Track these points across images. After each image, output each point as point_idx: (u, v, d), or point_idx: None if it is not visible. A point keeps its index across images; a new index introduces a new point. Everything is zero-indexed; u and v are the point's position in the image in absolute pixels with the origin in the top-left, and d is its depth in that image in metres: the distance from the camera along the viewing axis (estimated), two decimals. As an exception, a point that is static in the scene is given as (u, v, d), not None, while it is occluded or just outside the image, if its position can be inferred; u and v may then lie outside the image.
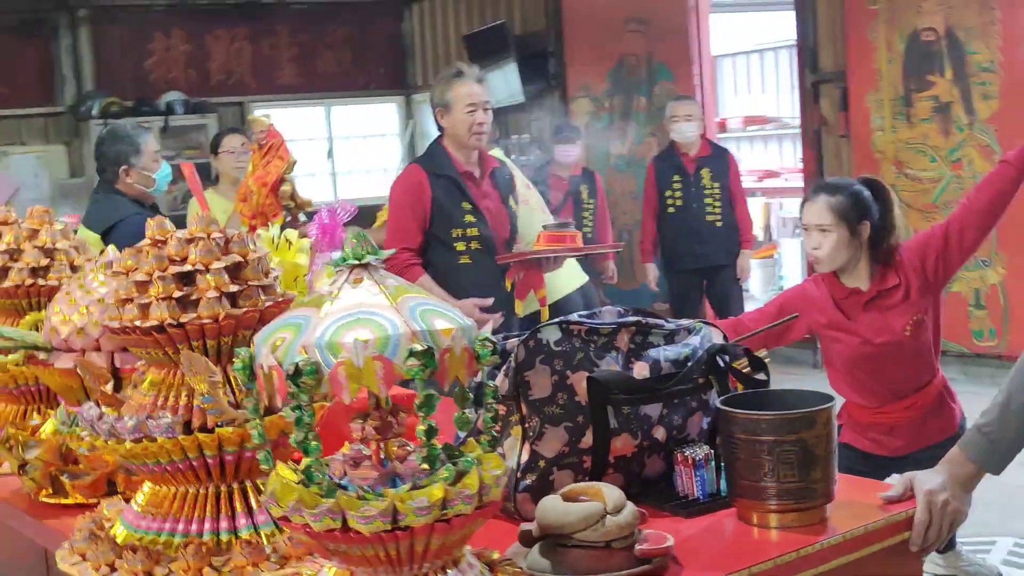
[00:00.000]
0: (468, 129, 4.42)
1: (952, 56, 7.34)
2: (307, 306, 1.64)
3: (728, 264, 7.26)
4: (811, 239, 3.56)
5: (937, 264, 3.50)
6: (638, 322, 2.18)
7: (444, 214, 4.42)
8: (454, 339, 1.59)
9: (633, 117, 9.10)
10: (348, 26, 11.33)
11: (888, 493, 2.05)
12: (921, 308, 3.50)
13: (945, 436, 3.59)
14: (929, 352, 3.56)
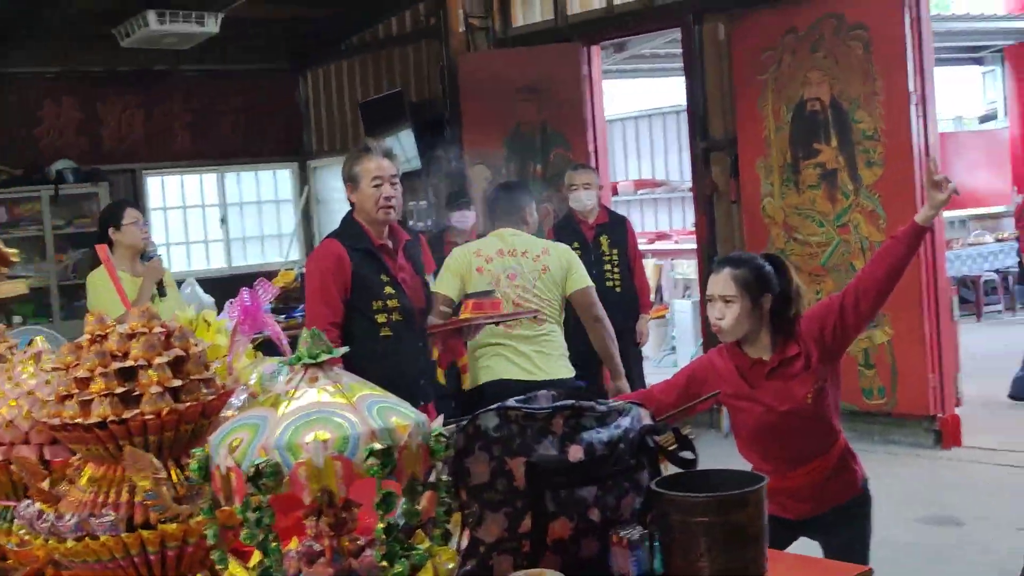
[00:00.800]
0: (375, 203, 4.44)
1: (837, 125, 7.62)
2: (263, 406, 1.66)
3: (627, 329, 7.36)
4: (715, 309, 3.64)
5: (835, 334, 3.63)
6: (572, 405, 2.23)
7: (365, 287, 4.44)
8: (410, 435, 1.63)
9: (529, 183, 9.20)
10: (243, 93, 11.30)
11: None
12: (821, 376, 3.62)
13: (849, 497, 3.71)
14: (830, 418, 3.67)
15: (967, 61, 17.65)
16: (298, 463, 1.55)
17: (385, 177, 4.46)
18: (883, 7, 7.36)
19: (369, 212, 4.47)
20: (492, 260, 5.25)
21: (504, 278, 5.19)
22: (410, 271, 4.62)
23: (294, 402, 1.62)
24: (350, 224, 4.58)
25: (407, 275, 4.58)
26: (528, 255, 5.31)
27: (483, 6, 9.79)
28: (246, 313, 3.25)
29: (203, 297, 9.83)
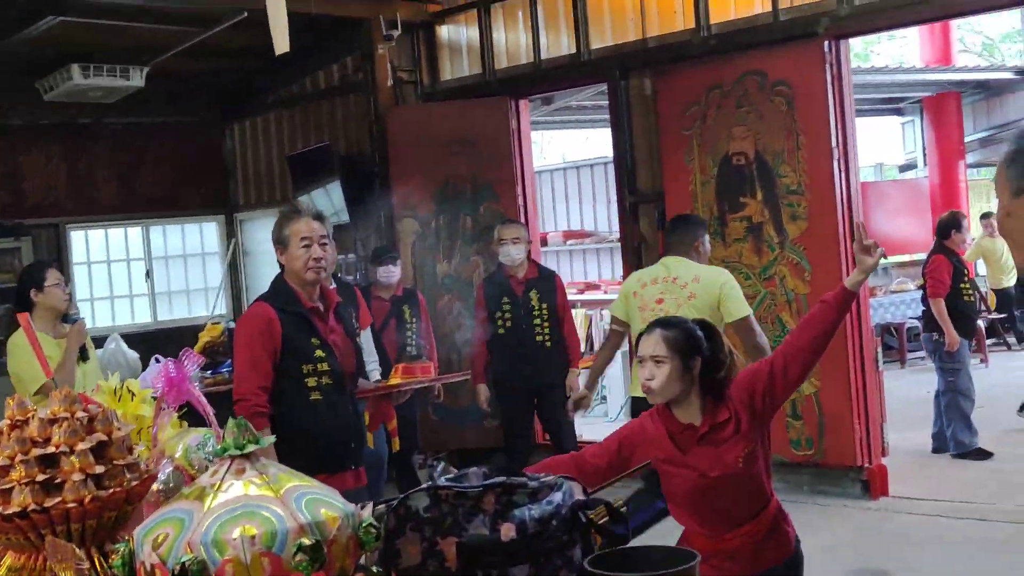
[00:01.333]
0: (304, 264, 4.41)
1: (762, 179, 7.73)
2: (188, 499, 1.63)
3: (557, 383, 7.39)
4: (645, 370, 3.65)
5: (764, 398, 3.66)
6: (503, 483, 2.22)
7: (295, 350, 4.40)
8: (339, 528, 1.61)
9: (459, 236, 9.23)
10: (169, 145, 11.20)
11: None
12: (752, 440, 3.64)
13: (782, 559, 3.73)
14: (762, 480, 3.70)
15: (887, 112, 18.06)
16: (225, 560, 1.52)
17: (314, 238, 4.43)
18: (805, 64, 7.50)
19: (299, 273, 4.44)
20: (647, 286, 5.81)
21: (652, 303, 5.71)
22: (341, 333, 4.58)
23: (220, 495, 1.59)
24: (280, 286, 4.54)
25: (338, 337, 4.54)
26: (678, 282, 5.75)
27: (411, 60, 9.83)
28: (171, 384, 3.19)
29: (127, 353, 9.68)
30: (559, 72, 9.09)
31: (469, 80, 9.63)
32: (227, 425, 1.67)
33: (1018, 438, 9.17)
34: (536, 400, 7.51)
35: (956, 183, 15.81)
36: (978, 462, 8.41)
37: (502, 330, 7.30)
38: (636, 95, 8.53)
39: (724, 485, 3.58)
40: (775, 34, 7.74)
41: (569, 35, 8.93)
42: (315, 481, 1.68)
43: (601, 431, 10.60)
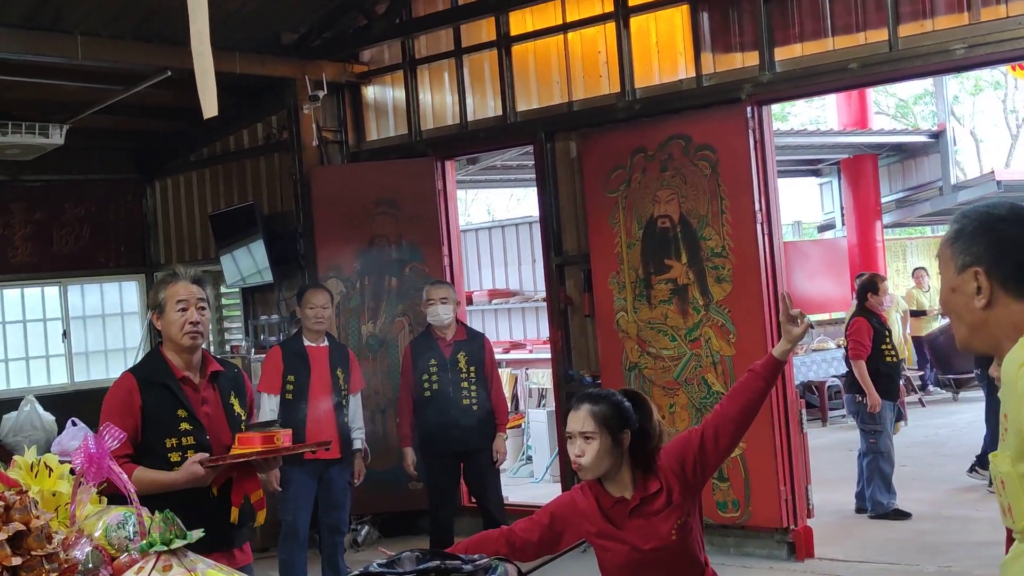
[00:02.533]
0: (180, 328, 4.21)
1: (687, 241, 7.79)
2: (112, 598, 1.56)
3: (484, 447, 7.33)
4: (575, 446, 3.62)
5: (695, 468, 3.65)
6: (438, 567, 2.17)
7: (156, 423, 4.16)
8: (271, 627, 1.54)
9: (384, 297, 9.17)
10: (87, 203, 11.00)
11: None
12: (684, 510, 3.62)
13: None
14: (696, 549, 3.68)
15: (805, 173, 18.40)
16: (150, 664, 1.45)
17: (191, 301, 4.25)
18: (728, 129, 7.60)
19: (175, 338, 4.23)
20: None
21: None
22: (217, 404, 4.32)
23: (146, 594, 1.52)
24: (153, 355, 4.36)
25: (211, 409, 4.29)
26: None
27: (337, 120, 9.80)
28: (90, 460, 3.11)
29: (43, 416, 9.47)
30: (485, 134, 9.12)
31: (395, 140, 9.63)
32: (153, 519, 1.61)
33: (939, 497, 9.28)
34: (463, 464, 7.44)
35: (873, 242, 16.12)
36: (900, 522, 8.49)
37: (428, 392, 7.23)
38: (562, 157, 8.58)
39: (659, 558, 3.55)
40: (699, 99, 7.85)
41: (495, 97, 8.98)
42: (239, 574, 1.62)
43: (527, 493, 10.59)
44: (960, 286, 2.33)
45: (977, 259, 2.30)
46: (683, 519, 3.59)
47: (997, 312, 2.30)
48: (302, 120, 9.46)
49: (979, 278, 2.29)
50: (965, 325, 2.35)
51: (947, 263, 2.37)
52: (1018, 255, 2.29)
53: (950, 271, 2.35)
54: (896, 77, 7.83)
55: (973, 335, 2.35)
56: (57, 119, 9.09)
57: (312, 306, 7.14)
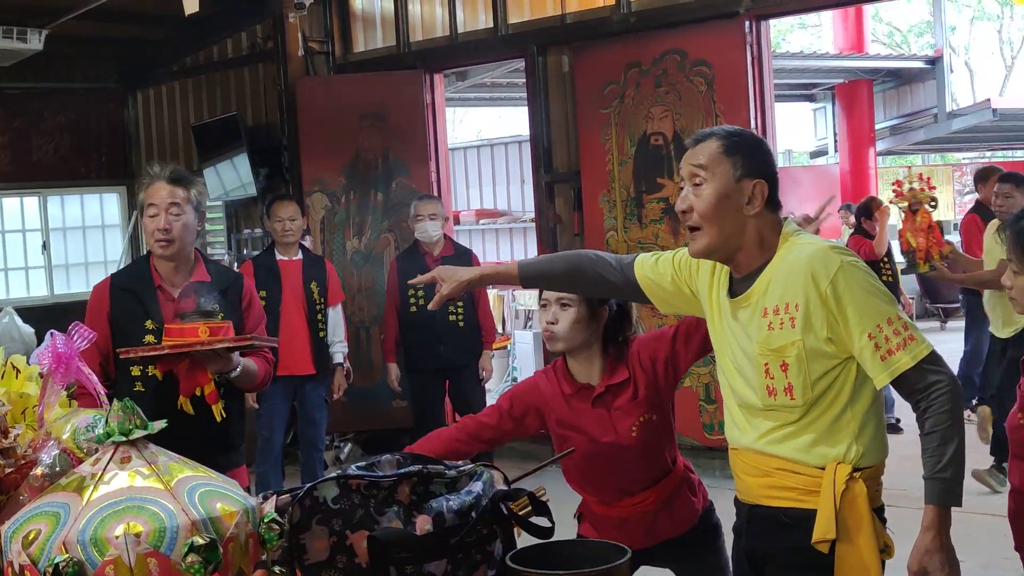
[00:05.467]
0: (151, 235, 3.93)
1: (680, 160, 7.61)
2: (66, 490, 1.43)
3: (470, 364, 7.23)
4: (548, 313, 3.47)
5: (666, 366, 3.48)
6: (419, 471, 2.05)
7: (122, 333, 3.90)
8: (238, 525, 1.42)
9: (370, 212, 9.01)
10: (67, 112, 10.76)
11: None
12: (648, 408, 3.44)
13: (680, 531, 3.56)
14: (659, 451, 3.50)
15: (799, 98, 18.19)
16: (105, 561, 1.33)
17: (161, 206, 3.89)
18: (725, 44, 7.42)
19: (149, 246, 3.99)
20: None
21: None
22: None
23: (102, 487, 1.40)
24: (137, 263, 4.15)
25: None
26: None
27: (323, 30, 9.56)
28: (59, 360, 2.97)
29: (21, 327, 9.33)
30: (475, 46, 8.91)
31: (382, 52, 9.40)
32: (111, 408, 1.47)
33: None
34: (448, 381, 7.34)
35: (866, 170, 15.98)
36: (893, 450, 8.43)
37: (414, 308, 7.10)
38: (553, 72, 8.38)
39: (615, 454, 3.41)
40: (695, 13, 7.65)
41: (486, 9, 8.75)
42: (212, 472, 1.49)
43: (511, 413, 10.50)
44: (734, 193, 2.75)
45: (756, 172, 2.74)
46: (646, 417, 3.42)
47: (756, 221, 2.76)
48: (287, 29, 9.23)
49: (756, 189, 2.73)
50: (724, 232, 2.76)
51: (721, 172, 2.76)
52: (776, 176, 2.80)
53: (725, 179, 2.75)
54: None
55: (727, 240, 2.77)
56: (36, 24, 8.82)
57: (279, 219, 6.99)
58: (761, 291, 2.76)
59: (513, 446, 8.53)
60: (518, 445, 8.56)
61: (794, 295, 2.69)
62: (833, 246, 2.76)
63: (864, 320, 2.65)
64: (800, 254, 2.72)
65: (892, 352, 2.63)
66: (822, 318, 2.67)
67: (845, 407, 2.72)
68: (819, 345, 2.67)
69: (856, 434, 2.73)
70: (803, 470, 2.73)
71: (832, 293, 2.66)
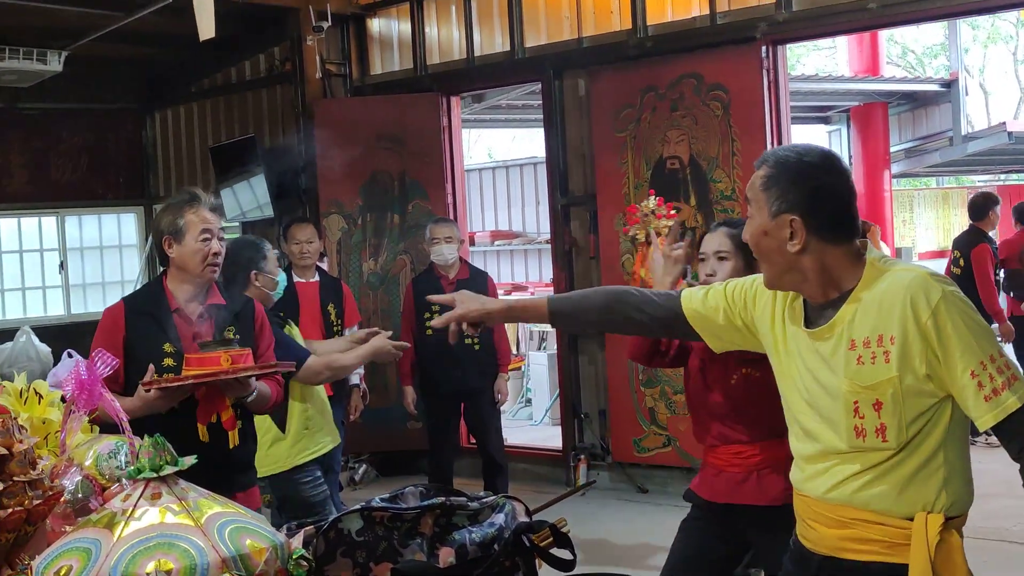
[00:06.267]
0: (202, 260, 3.96)
1: (696, 183, 7.64)
2: (96, 526, 1.44)
3: (485, 388, 7.23)
4: (707, 266, 3.66)
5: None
6: (443, 503, 2.06)
7: (139, 356, 3.87)
8: (267, 562, 1.43)
9: (386, 234, 9.04)
10: (86, 133, 10.83)
11: None
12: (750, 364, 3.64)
13: (764, 502, 3.61)
14: (759, 410, 3.60)
15: (814, 120, 18.16)
16: (136, 598, 1.34)
17: (214, 231, 3.98)
18: (741, 69, 7.43)
19: (192, 269, 3.97)
20: None
21: None
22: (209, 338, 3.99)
23: (133, 523, 1.41)
24: (150, 286, 4.15)
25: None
26: None
27: (341, 53, 9.61)
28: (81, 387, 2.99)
29: (39, 347, 9.38)
30: (492, 69, 8.94)
31: (400, 75, 9.44)
32: (142, 443, 1.49)
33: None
34: (463, 404, 7.35)
35: (881, 192, 15.94)
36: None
37: (430, 331, 7.09)
38: (570, 95, 8.41)
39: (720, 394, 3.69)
40: (712, 37, 7.66)
41: (503, 32, 8.79)
42: (240, 507, 1.50)
43: (526, 435, 10.51)
44: (774, 231, 2.54)
45: (792, 207, 2.50)
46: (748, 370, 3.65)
47: (809, 255, 2.52)
48: (305, 52, 9.28)
49: (794, 225, 2.51)
50: (776, 267, 2.58)
51: (760, 206, 2.56)
52: (832, 205, 2.52)
53: (763, 215, 2.55)
54: (916, 18, 7.63)
55: (783, 276, 2.59)
56: (56, 45, 8.90)
57: (297, 241, 7.03)
58: (847, 321, 2.52)
59: (527, 469, 8.54)
60: (531, 468, 8.57)
61: (889, 327, 2.44)
62: (933, 273, 2.49)
63: (967, 356, 2.40)
64: (897, 282, 2.47)
65: (998, 392, 2.38)
66: (921, 353, 2.42)
67: (936, 451, 2.48)
68: (917, 383, 2.44)
69: (945, 480, 2.50)
70: (889, 521, 2.50)
71: (934, 325, 2.41)
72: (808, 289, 2.58)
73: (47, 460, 1.97)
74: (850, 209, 2.54)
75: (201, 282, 4.03)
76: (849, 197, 2.56)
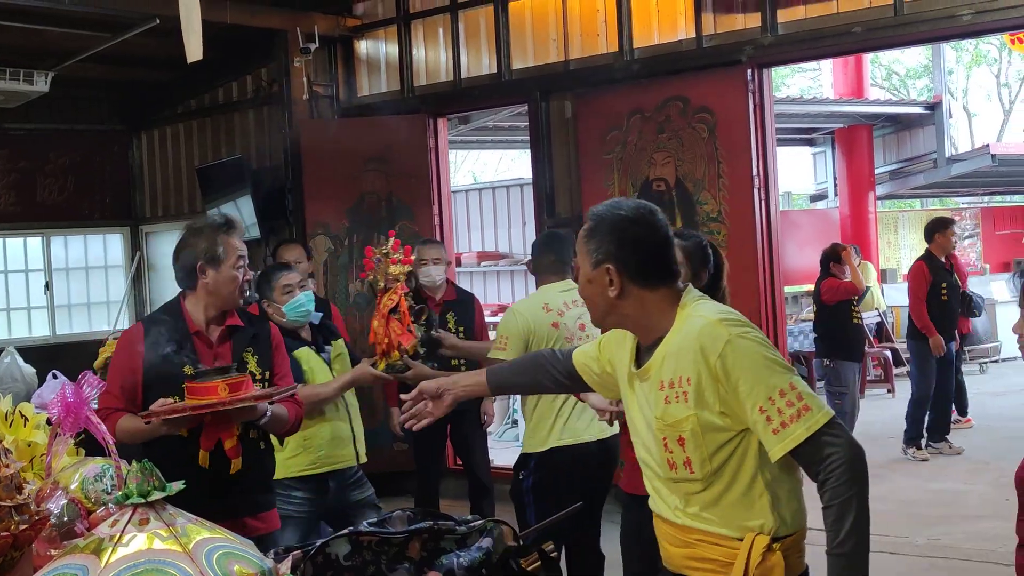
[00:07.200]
0: (238, 287, 3.98)
1: (682, 205, 7.67)
2: (84, 552, 1.44)
3: (471, 409, 7.23)
4: None
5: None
6: (430, 528, 2.06)
7: (160, 380, 3.87)
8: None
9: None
10: (72, 153, 10.82)
11: None
12: None
13: None
14: None
15: (799, 142, 18.27)
16: (123, 624, 1.33)
17: (246, 257, 4.04)
18: (727, 92, 7.47)
19: (225, 295, 3.97)
20: (564, 313, 5.24)
21: (576, 329, 5.19)
22: (227, 361, 3.98)
23: (120, 549, 1.41)
24: (172, 306, 4.09)
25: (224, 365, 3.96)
26: None
27: (328, 74, 9.63)
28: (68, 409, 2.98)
29: (23, 367, 9.33)
30: (479, 91, 8.97)
31: (387, 96, 9.46)
32: (130, 468, 1.49)
33: (926, 470, 9.23)
34: (449, 425, 7.33)
35: (866, 214, 16.03)
36: (888, 494, 8.44)
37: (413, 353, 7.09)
38: (556, 117, 8.44)
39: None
40: (698, 60, 7.70)
41: (490, 54, 8.82)
42: (229, 533, 1.50)
43: (512, 456, 10.41)
44: (596, 278, 2.77)
45: (608, 256, 2.73)
46: None
47: (628, 300, 2.75)
48: (293, 73, 9.29)
49: (610, 273, 2.73)
50: (599, 309, 2.82)
51: (584, 257, 2.79)
52: (642, 253, 2.74)
53: (587, 264, 2.78)
54: (900, 42, 7.70)
55: (605, 318, 2.83)
56: (42, 66, 8.90)
57: (285, 261, 7.02)
58: (658, 364, 2.76)
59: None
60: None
61: (686, 369, 2.67)
62: (723, 318, 2.70)
63: (754, 394, 2.60)
64: (691, 328, 2.70)
65: (786, 424, 2.57)
66: (714, 392, 2.64)
67: (754, 477, 2.67)
68: (713, 419, 2.65)
69: (772, 504, 2.67)
70: (723, 542, 2.69)
71: (722, 367, 2.62)
72: (637, 330, 2.85)
73: (33, 484, 1.96)
74: (661, 257, 2.77)
75: (226, 307, 4.03)
76: (659, 246, 2.78)
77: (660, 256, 2.76)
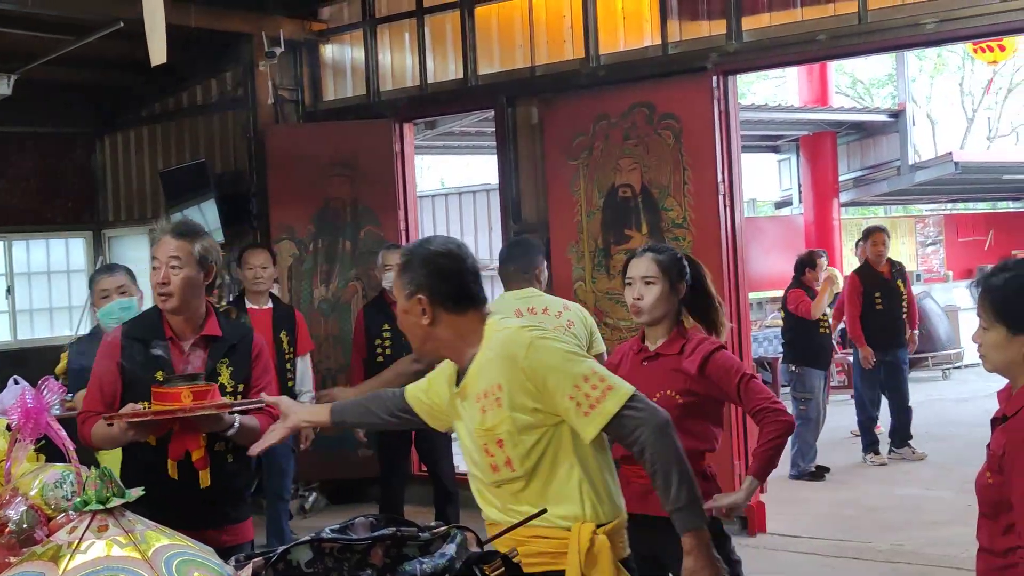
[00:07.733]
0: (153, 289, 3.89)
1: (647, 212, 7.69)
2: (41, 559, 1.42)
3: (438, 414, 7.20)
4: (634, 290, 3.93)
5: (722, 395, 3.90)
6: (393, 534, 2.05)
7: (132, 385, 3.84)
8: (216, 595, 1.41)
9: (338, 260, 9.01)
10: (35, 157, 10.72)
11: None
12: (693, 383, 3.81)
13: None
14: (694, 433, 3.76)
15: (764, 149, 18.36)
16: (81, 633, 1.32)
17: (162, 259, 3.86)
18: (693, 98, 7.50)
19: (156, 301, 3.92)
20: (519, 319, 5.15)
21: None
22: (202, 369, 3.90)
23: (79, 556, 1.39)
24: (147, 313, 4.06)
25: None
26: (549, 312, 5.39)
27: (293, 78, 9.59)
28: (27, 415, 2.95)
29: (-16, 373, 9.23)
30: (445, 97, 8.97)
31: (353, 101, 9.44)
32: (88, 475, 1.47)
33: (890, 475, 9.29)
34: (414, 432, 7.30)
35: (830, 221, 16.13)
36: (853, 499, 8.49)
37: (381, 358, 7.07)
38: (523, 123, 8.45)
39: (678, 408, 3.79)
40: (664, 67, 7.73)
41: (456, 59, 8.81)
42: (189, 540, 1.49)
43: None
44: (410, 309, 3.00)
45: (419, 288, 2.96)
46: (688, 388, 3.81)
47: (440, 327, 2.98)
48: (258, 77, 9.25)
49: (422, 303, 2.96)
50: (417, 338, 3.04)
51: (399, 291, 3.02)
52: (450, 283, 2.97)
53: (402, 297, 3.01)
54: (864, 50, 7.77)
55: (424, 344, 3.05)
56: (5, 69, 8.83)
57: (251, 266, 7.00)
58: (473, 379, 2.98)
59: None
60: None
61: (497, 377, 2.90)
62: (523, 326, 2.98)
63: (562, 384, 2.85)
64: (497, 340, 2.95)
65: (594, 406, 2.82)
66: (525, 392, 2.87)
67: (571, 468, 2.91)
68: (526, 418, 2.88)
69: (591, 492, 2.92)
70: (552, 533, 2.89)
71: (528, 366, 2.87)
72: (449, 355, 3.08)
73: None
74: (467, 285, 3.00)
75: (168, 310, 3.92)
76: (465, 275, 3.01)
77: (467, 284, 3.00)
